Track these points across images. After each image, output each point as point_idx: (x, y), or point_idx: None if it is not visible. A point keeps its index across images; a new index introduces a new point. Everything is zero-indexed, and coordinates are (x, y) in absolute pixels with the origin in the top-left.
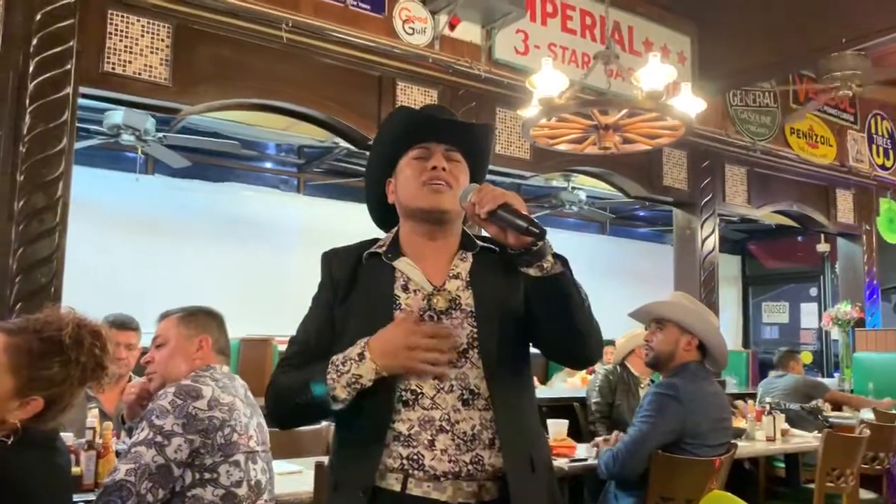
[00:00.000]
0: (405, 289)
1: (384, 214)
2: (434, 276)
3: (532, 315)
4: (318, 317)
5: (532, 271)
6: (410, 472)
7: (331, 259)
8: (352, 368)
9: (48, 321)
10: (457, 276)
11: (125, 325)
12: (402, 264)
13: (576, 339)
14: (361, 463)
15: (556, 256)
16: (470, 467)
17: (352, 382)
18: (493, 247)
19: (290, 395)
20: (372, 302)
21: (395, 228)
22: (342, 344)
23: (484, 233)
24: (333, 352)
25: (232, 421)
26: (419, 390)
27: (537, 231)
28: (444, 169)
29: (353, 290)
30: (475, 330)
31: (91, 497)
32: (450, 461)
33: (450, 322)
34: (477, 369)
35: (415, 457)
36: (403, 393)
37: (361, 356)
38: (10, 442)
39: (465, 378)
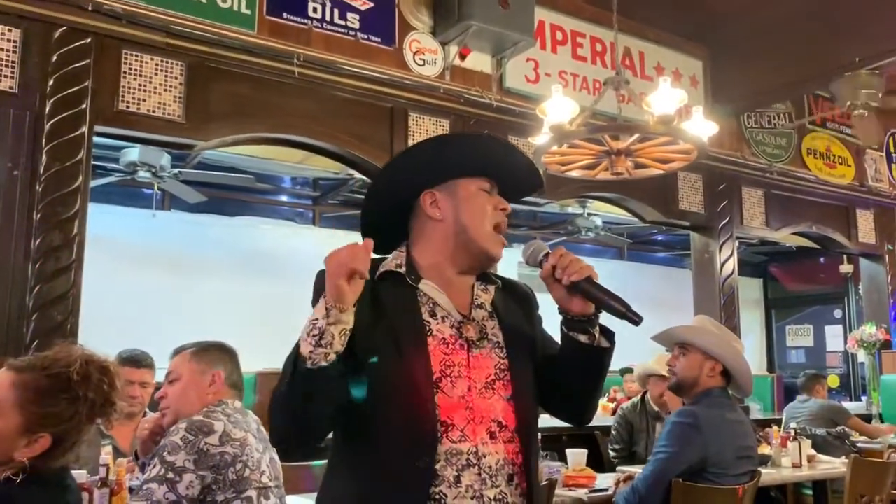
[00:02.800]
0: (433, 314)
1: (394, 223)
2: (458, 304)
3: (553, 375)
4: None
5: (582, 338)
6: None
7: None
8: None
9: (56, 358)
10: (480, 307)
11: (139, 362)
12: (427, 288)
13: (586, 405)
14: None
15: (603, 329)
16: None
17: (310, 331)
18: (499, 282)
19: (280, 394)
20: (400, 324)
21: (404, 247)
22: (357, 360)
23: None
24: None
25: (244, 456)
26: (450, 422)
27: (638, 318)
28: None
29: (370, 308)
30: (504, 361)
31: None
32: (473, 497)
33: (480, 352)
34: (503, 401)
35: (437, 496)
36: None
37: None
38: (18, 480)
39: (492, 410)
